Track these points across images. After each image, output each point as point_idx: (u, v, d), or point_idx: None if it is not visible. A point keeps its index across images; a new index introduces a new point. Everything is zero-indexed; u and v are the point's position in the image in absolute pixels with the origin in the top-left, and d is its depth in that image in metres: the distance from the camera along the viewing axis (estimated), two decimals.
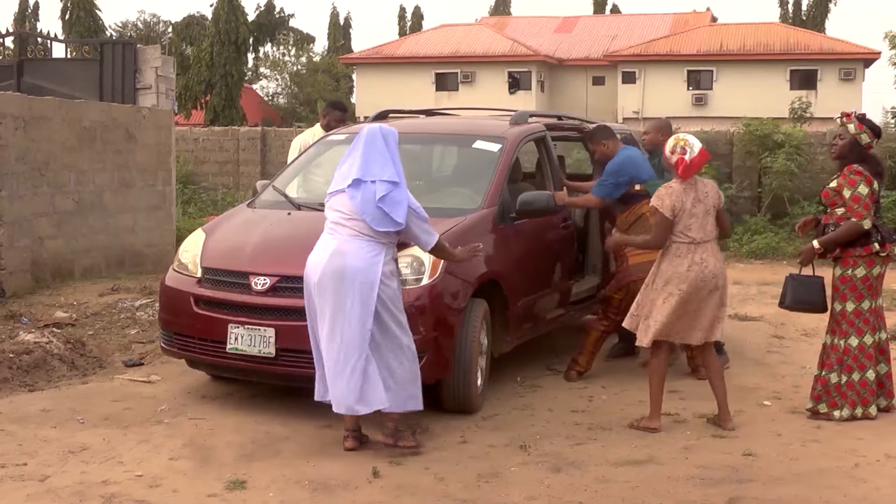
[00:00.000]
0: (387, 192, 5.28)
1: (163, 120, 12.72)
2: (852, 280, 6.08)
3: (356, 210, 5.29)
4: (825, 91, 38.58)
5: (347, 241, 5.31)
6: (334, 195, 5.46)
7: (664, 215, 5.85)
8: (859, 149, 6.14)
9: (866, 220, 5.98)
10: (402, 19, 63.41)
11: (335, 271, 5.25)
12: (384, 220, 5.28)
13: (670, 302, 5.83)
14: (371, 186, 5.28)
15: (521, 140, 7.31)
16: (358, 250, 5.28)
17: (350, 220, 5.33)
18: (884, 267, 6.15)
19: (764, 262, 14.89)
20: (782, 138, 16.41)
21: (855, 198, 5.99)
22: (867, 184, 6.01)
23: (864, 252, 6.03)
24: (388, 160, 5.37)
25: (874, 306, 6.17)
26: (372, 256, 5.29)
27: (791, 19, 48.62)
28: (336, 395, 5.33)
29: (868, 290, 6.11)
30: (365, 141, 5.42)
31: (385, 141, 5.42)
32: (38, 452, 5.33)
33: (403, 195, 5.33)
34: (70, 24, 42.51)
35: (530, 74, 42.81)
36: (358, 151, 5.42)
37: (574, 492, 4.92)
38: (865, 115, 6.28)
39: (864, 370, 6.13)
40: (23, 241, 10.14)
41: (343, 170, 5.46)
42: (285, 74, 55.86)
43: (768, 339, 8.62)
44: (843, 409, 6.13)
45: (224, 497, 4.78)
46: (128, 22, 60.00)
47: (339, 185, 5.42)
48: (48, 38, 14.48)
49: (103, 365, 7.42)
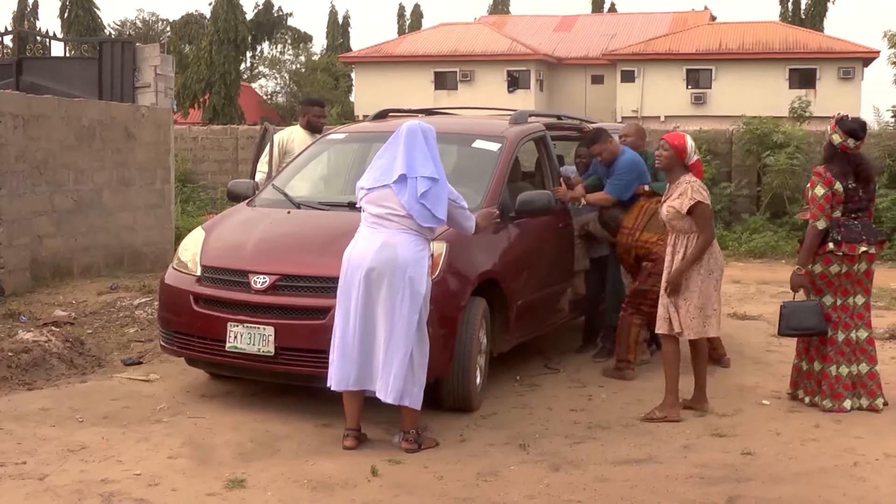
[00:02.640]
0: (427, 188, 5.38)
1: (162, 118, 12.72)
2: (812, 275, 6.30)
3: (404, 205, 5.38)
4: (824, 90, 38.61)
5: (395, 234, 5.39)
6: (375, 190, 5.48)
7: (709, 206, 6.23)
8: (831, 149, 6.29)
9: (820, 221, 6.16)
10: (401, 18, 63.43)
11: (387, 263, 5.33)
12: (427, 216, 5.40)
13: (719, 290, 6.29)
14: (414, 183, 5.38)
15: (521, 139, 7.31)
16: (407, 244, 5.37)
17: (397, 216, 5.41)
18: (846, 266, 6.24)
19: (763, 260, 14.89)
20: (782, 137, 16.42)
21: (811, 199, 6.23)
22: (825, 185, 6.18)
23: (821, 250, 6.21)
24: (427, 157, 5.46)
25: (842, 304, 6.29)
26: (420, 250, 5.42)
27: (790, 18, 48.63)
28: (382, 384, 5.37)
29: (827, 286, 6.28)
30: (406, 138, 5.48)
31: (425, 137, 5.50)
32: (37, 451, 5.33)
33: (444, 191, 5.44)
34: (69, 23, 42.53)
35: (529, 73, 42.84)
36: (399, 148, 5.48)
37: (573, 491, 4.92)
38: (847, 117, 6.33)
39: (829, 363, 6.30)
40: (22, 239, 10.14)
41: (382, 165, 5.51)
42: (284, 73, 55.85)
43: (767, 339, 8.62)
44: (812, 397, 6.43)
45: (223, 496, 4.78)
46: (126, 20, 60.10)
47: (382, 179, 5.46)
48: (47, 37, 14.51)
49: (102, 363, 7.42)
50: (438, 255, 5.91)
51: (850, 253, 6.19)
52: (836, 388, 6.30)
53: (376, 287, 5.34)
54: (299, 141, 8.36)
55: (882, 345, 8.39)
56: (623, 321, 7.25)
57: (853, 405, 6.33)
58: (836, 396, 6.30)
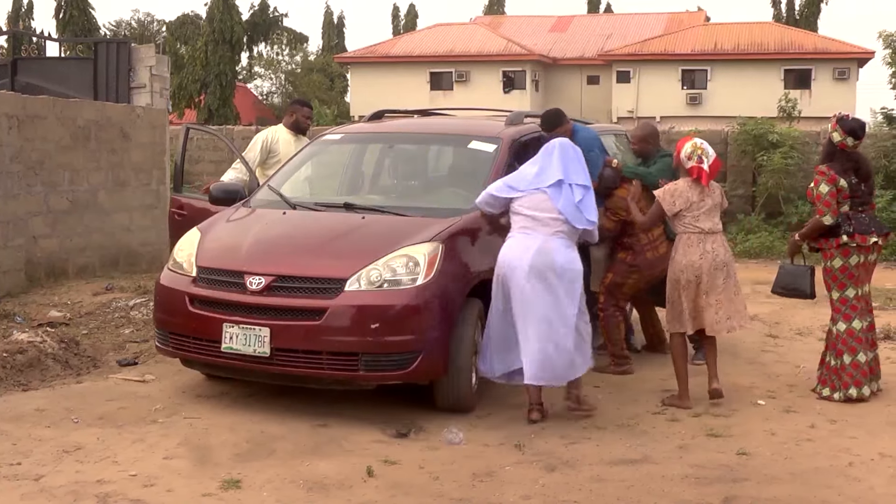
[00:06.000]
0: (583, 195, 6.11)
1: (157, 119, 12.70)
2: (832, 271, 6.58)
3: (558, 209, 6.02)
4: (819, 90, 38.61)
5: (551, 239, 6.01)
6: (529, 194, 6.07)
7: (663, 209, 6.45)
8: (831, 147, 6.62)
9: (826, 217, 6.48)
10: (395, 18, 63.39)
11: (548, 266, 5.93)
12: (581, 218, 6.08)
13: (689, 290, 6.34)
14: (569, 189, 6.06)
15: (517, 140, 7.31)
16: (561, 247, 6.01)
17: (551, 219, 6.01)
18: (863, 256, 6.57)
19: (758, 261, 14.89)
20: (778, 138, 16.44)
21: (817, 196, 6.53)
22: (829, 182, 6.49)
23: (836, 243, 6.51)
24: (579, 168, 6.21)
25: (859, 294, 6.61)
26: (572, 251, 6.09)
27: (784, 19, 48.68)
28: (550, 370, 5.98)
29: (849, 278, 6.57)
30: (560, 150, 6.22)
31: (575, 151, 6.27)
32: (32, 452, 5.33)
33: (593, 199, 6.21)
34: (64, 23, 42.43)
35: (525, 74, 42.80)
36: (553, 158, 6.17)
37: (569, 491, 4.92)
38: (848, 116, 6.62)
39: (855, 353, 6.54)
40: (17, 240, 10.12)
41: (534, 171, 6.15)
42: (280, 74, 55.82)
43: (763, 339, 8.64)
44: (839, 392, 6.55)
45: (219, 496, 4.78)
46: (122, 21, 60.00)
47: (536, 183, 6.09)
48: (42, 37, 14.53)
49: (98, 364, 7.41)
50: (434, 256, 5.92)
51: (862, 244, 6.50)
52: (855, 375, 6.54)
53: (539, 287, 5.91)
54: (283, 141, 8.37)
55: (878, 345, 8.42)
56: (608, 320, 7.28)
57: (869, 391, 6.62)
58: (857, 384, 6.55)
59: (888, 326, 8.89)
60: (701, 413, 6.27)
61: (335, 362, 5.80)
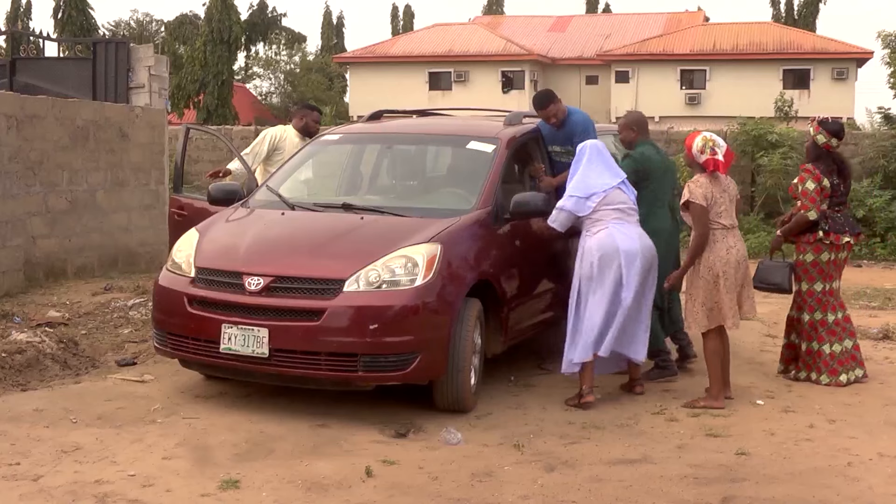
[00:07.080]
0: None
1: (156, 119, 12.71)
2: (803, 264, 6.98)
3: (632, 200, 6.58)
4: (818, 90, 38.65)
5: (636, 227, 6.53)
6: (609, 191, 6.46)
7: (701, 205, 6.40)
8: (816, 149, 6.98)
9: (811, 212, 6.82)
10: (394, 18, 63.38)
11: (648, 249, 6.44)
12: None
13: (719, 285, 6.39)
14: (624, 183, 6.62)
15: (515, 141, 7.31)
16: (643, 234, 6.53)
17: (632, 210, 6.55)
18: (834, 254, 6.92)
19: (757, 261, 14.89)
20: (777, 138, 16.45)
21: (803, 193, 6.87)
22: (815, 180, 6.84)
23: (812, 239, 6.89)
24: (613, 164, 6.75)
25: (827, 288, 6.97)
26: None
27: (783, 19, 48.68)
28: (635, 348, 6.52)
29: (818, 273, 6.94)
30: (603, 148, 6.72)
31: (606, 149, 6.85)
32: (31, 452, 5.32)
33: None
34: (62, 23, 42.34)
35: (524, 74, 42.79)
36: (602, 158, 6.62)
37: (568, 491, 4.92)
38: (828, 119, 7.08)
39: (822, 343, 6.91)
40: (15, 240, 10.12)
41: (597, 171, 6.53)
42: (278, 74, 55.78)
43: (762, 339, 8.64)
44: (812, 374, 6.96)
45: (218, 496, 4.78)
46: (120, 21, 59.93)
47: (611, 182, 6.51)
48: (41, 37, 14.53)
49: (96, 364, 7.40)
50: (432, 256, 5.91)
51: (836, 242, 6.88)
52: (831, 364, 6.91)
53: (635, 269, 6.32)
54: (291, 142, 8.36)
55: (875, 345, 8.43)
56: None
57: (849, 378, 6.94)
58: (832, 372, 6.90)
59: (888, 326, 8.90)
60: (700, 413, 6.27)
61: (334, 363, 5.79)
